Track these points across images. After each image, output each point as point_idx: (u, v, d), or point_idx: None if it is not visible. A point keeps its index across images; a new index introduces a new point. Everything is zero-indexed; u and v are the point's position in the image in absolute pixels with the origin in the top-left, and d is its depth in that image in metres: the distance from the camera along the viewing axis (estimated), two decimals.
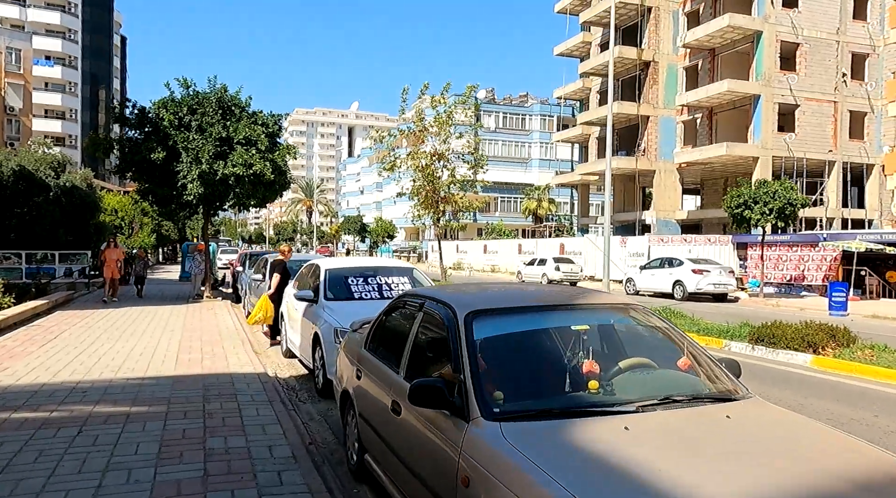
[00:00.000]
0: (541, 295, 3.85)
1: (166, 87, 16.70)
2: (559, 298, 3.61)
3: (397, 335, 4.03)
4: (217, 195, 16.56)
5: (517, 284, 12.94)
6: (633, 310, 3.54)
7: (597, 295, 3.86)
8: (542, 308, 3.41)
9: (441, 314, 3.41)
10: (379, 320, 4.46)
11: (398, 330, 4.09)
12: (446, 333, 3.28)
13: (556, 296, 3.72)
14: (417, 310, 3.80)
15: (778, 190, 19.42)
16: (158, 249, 52.61)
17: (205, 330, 11.54)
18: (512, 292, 4.02)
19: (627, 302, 3.63)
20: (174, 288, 21.97)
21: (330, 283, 7.72)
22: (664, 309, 12.90)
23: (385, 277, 7.91)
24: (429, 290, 4.13)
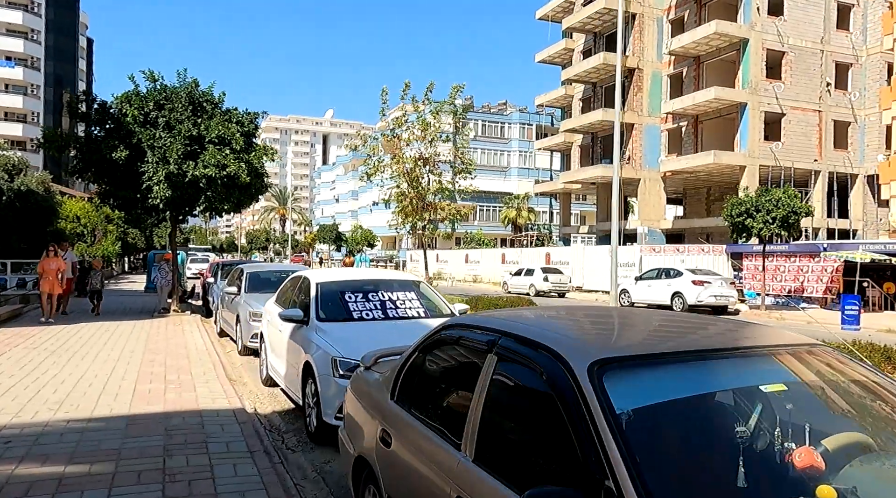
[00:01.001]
0: (680, 328, 2.59)
1: (130, 80, 15.20)
2: (721, 338, 2.37)
3: (449, 387, 2.78)
4: (186, 199, 15.06)
5: (595, 306, 11.55)
6: (826, 354, 2.32)
7: (765, 331, 2.58)
8: (704, 354, 2.16)
9: (540, 364, 2.17)
10: (411, 360, 3.18)
11: (450, 379, 2.84)
12: (553, 394, 2.05)
13: (706, 331, 2.49)
14: (485, 351, 2.54)
15: (781, 198, 18.62)
16: (124, 258, 50.30)
17: (170, 351, 10.08)
18: (631, 321, 2.76)
19: (813, 341, 2.40)
20: (138, 300, 20.30)
21: (323, 300, 6.40)
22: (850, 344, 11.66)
23: (388, 293, 6.62)
24: (494, 319, 2.85)
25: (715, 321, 2.70)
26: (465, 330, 2.86)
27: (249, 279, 11.35)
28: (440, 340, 3.05)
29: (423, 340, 3.18)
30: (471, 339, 2.75)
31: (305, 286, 6.91)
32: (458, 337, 2.87)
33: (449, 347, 2.97)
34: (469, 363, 2.69)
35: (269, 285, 11.23)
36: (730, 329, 2.60)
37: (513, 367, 2.36)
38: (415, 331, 6.06)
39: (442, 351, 3.04)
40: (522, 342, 2.35)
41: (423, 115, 22.30)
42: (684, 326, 2.59)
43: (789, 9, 34.28)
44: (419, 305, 6.57)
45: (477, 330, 2.74)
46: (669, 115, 38.18)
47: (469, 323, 2.88)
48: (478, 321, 2.84)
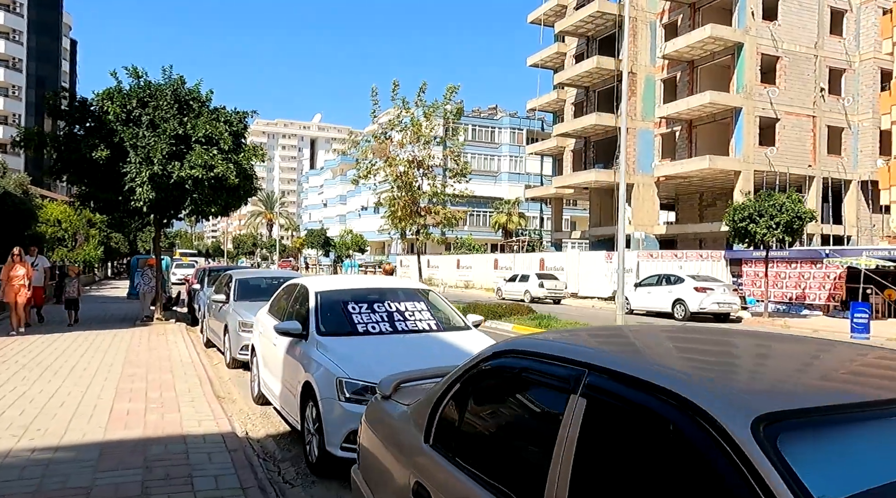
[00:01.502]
0: (842, 361, 1.93)
1: (112, 77, 14.43)
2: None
3: (512, 435, 2.14)
4: (171, 201, 14.31)
5: (676, 325, 10.52)
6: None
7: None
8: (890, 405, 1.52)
9: (666, 416, 1.53)
10: (451, 393, 2.54)
11: (513, 425, 2.20)
12: (691, 462, 1.41)
13: (888, 365, 1.86)
14: (566, 389, 1.90)
15: (785, 203, 18.20)
16: (107, 264, 49.12)
17: (152, 364, 9.34)
18: (764, 350, 2.10)
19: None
20: (121, 307, 19.46)
21: (323, 311, 5.72)
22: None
23: (395, 303, 5.97)
24: (574, 348, 2.17)
25: (872, 350, 2.08)
26: (527, 359, 2.21)
27: (239, 286, 10.64)
28: (490, 372, 2.40)
29: (465, 368, 2.54)
30: (539, 372, 2.11)
31: (303, 295, 6.24)
32: (519, 369, 2.23)
33: (504, 380, 2.33)
34: (540, 404, 2.06)
35: (259, 293, 10.54)
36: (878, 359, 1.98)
37: (615, 416, 1.72)
38: (428, 346, 5.43)
39: (495, 385, 2.39)
40: (627, 382, 1.72)
41: (416, 116, 21.71)
42: (845, 357, 1.95)
43: (783, 13, 34.14)
44: (430, 316, 5.92)
45: (547, 360, 2.10)
46: (663, 119, 37.88)
47: (532, 349, 2.24)
48: (545, 347, 2.19)
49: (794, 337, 2.64)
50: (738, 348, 2.19)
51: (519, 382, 2.24)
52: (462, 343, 5.39)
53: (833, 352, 2.02)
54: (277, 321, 6.57)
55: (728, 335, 2.56)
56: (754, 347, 2.20)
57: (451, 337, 5.58)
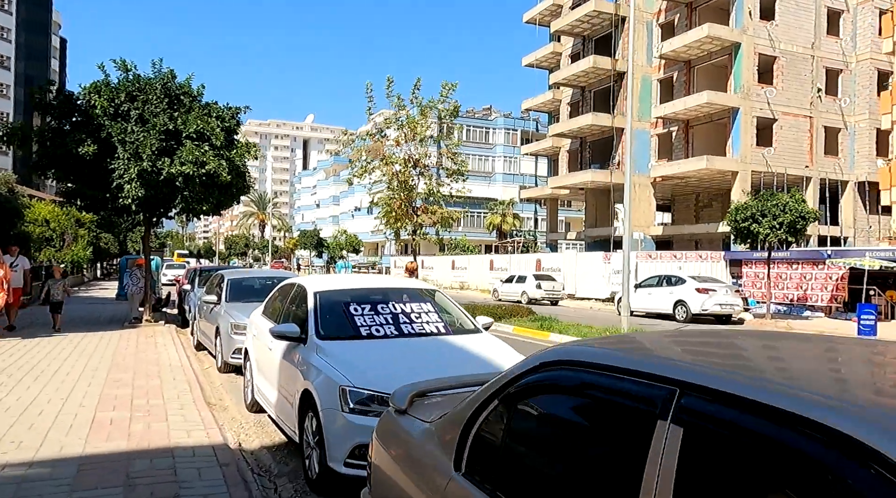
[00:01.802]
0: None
1: (100, 70, 13.95)
2: None
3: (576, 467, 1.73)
4: (161, 199, 13.82)
5: (780, 332, 9.84)
6: None
7: None
8: None
9: (825, 463, 1.12)
10: (488, 412, 2.13)
11: (576, 453, 1.78)
12: None
13: None
14: (650, 413, 1.49)
15: (788, 202, 17.90)
16: (96, 264, 48.40)
17: (140, 369, 8.88)
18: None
19: None
20: (108, 309, 18.93)
21: (323, 312, 5.29)
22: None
23: (400, 304, 5.54)
24: (657, 359, 1.74)
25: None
26: (588, 372, 1.80)
27: (231, 287, 10.18)
28: (538, 387, 1.98)
29: (505, 382, 2.12)
30: (607, 389, 1.70)
31: (300, 296, 5.81)
32: (578, 385, 1.81)
33: (558, 398, 1.92)
34: (612, 431, 1.65)
35: (252, 294, 10.11)
36: None
37: (732, 452, 1.31)
38: (437, 351, 5.01)
39: (545, 404, 1.98)
40: (750, 409, 1.30)
41: (412, 114, 21.29)
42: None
43: (780, 13, 33.98)
44: (437, 318, 5.51)
45: (617, 374, 1.68)
46: (660, 119, 37.64)
47: (594, 361, 1.82)
48: (614, 358, 1.77)
49: (867, 341, 2.24)
50: (857, 361, 1.77)
51: (578, 402, 1.83)
52: (474, 347, 4.98)
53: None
54: (273, 323, 6.14)
55: (819, 341, 2.14)
56: (866, 357, 1.78)
57: (462, 341, 5.17)
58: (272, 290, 10.47)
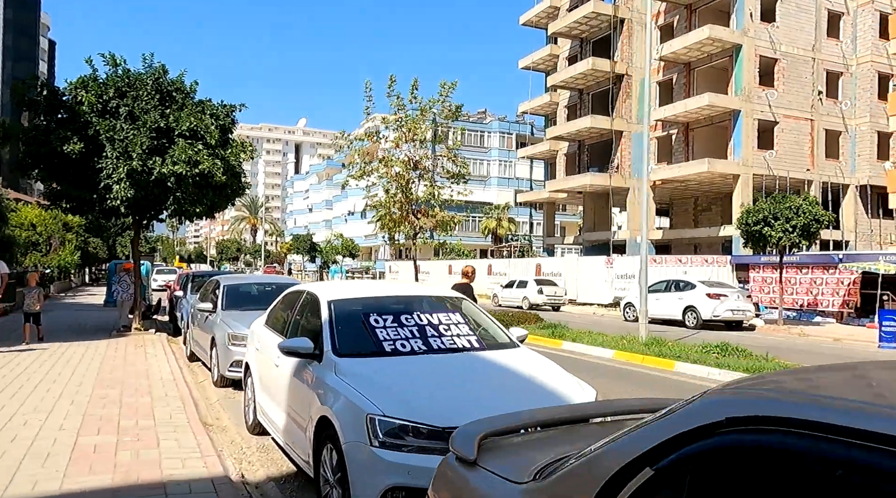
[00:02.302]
0: None
1: (88, 64, 13.24)
2: None
3: None
4: (152, 200, 13.10)
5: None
6: None
7: None
8: None
9: None
10: (637, 486, 1.46)
11: None
12: None
13: None
14: None
15: (802, 205, 17.39)
16: (84, 269, 47.40)
17: (128, 383, 8.15)
18: None
19: None
20: (96, 316, 18.14)
21: (340, 325, 4.61)
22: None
23: (425, 314, 4.87)
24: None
25: None
26: (812, 436, 1.14)
27: (227, 294, 9.46)
28: (724, 454, 1.32)
29: (657, 442, 1.46)
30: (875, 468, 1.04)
31: (311, 306, 5.13)
32: (804, 455, 1.16)
33: (778, 475, 1.26)
34: None
35: (251, 301, 9.41)
36: None
37: None
38: (476, 371, 4.32)
39: (753, 482, 1.31)
40: None
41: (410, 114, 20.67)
42: None
43: (781, 15, 33.64)
44: (469, 331, 4.84)
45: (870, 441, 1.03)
46: (659, 122, 37.16)
47: (848, 424, 1.16)
48: (851, 415, 1.12)
49: None
50: None
51: (804, 470, 1.16)
52: (519, 366, 4.32)
53: None
54: (278, 336, 5.46)
55: None
56: None
57: (501, 358, 4.50)
58: (272, 297, 9.81)
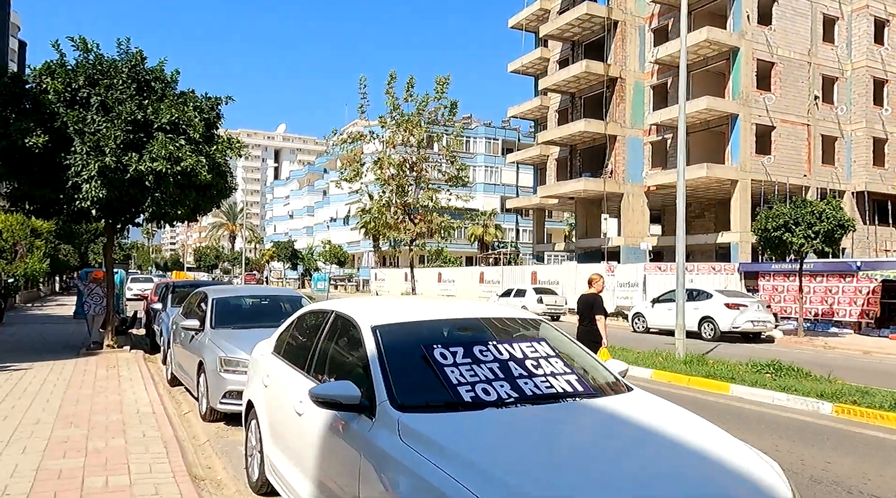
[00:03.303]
0: None
1: (54, 49, 11.77)
2: None
3: None
4: (127, 201, 11.64)
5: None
6: None
7: None
8: None
9: None
10: None
11: None
12: None
13: None
14: None
15: (825, 210, 16.46)
16: (54, 278, 45.22)
17: (97, 419, 6.74)
18: None
19: None
20: (63, 330, 16.51)
21: (396, 363, 3.30)
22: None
23: (501, 343, 3.59)
24: None
25: None
26: None
27: (217, 309, 8.04)
28: None
29: None
30: None
31: (345, 332, 3.82)
32: None
33: None
34: None
35: (245, 318, 8.07)
36: None
37: None
38: (600, 431, 3.04)
39: None
40: None
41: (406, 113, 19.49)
42: None
43: (777, 18, 33.09)
44: (563, 366, 3.56)
45: None
46: (654, 126, 36.40)
47: None
48: None
49: None
50: None
51: None
52: (653, 422, 3.03)
53: None
54: (296, 371, 4.14)
55: None
56: None
57: (624, 407, 3.23)
58: (269, 312, 8.48)
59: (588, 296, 8.39)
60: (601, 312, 8.18)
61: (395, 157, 19.47)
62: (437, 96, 19.67)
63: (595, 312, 8.12)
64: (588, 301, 8.31)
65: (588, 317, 8.20)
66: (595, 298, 8.30)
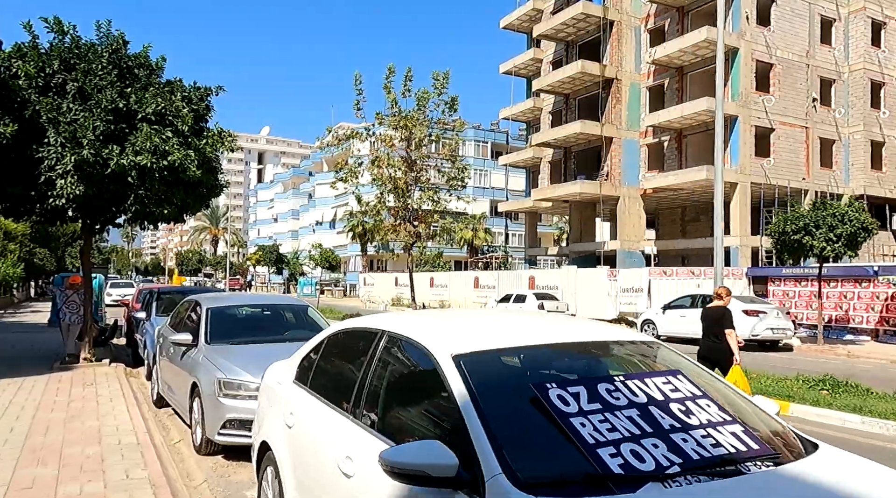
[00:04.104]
0: None
1: (26, 30, 10.63)
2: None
3: None
4: (108, 199, 10.51)
5: None
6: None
7: None
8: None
9: None
10: None
11: None
12: None
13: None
14: None
15: (848, 212, 15.72)
16: (29, 283, 43.47)
17: (71, 453, 5.64)
18: None
19: None
20: (36, 340, 15.24)
21: (498, 412, 2.30)
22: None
23: (632, 380, 2.61)
24: None
25: None
26: None
27: (213, 321, 6.93)
28: None
29: None
30: None
31: (409, 361, 2.82)
32: None
33: None
34: None
35: (245, 330, 7.02)
36: None
37: None
38: None
39: None
40: None
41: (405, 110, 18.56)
42: None
43: (776, 19, 32.62)
44: (717, 412, 2.54)
45: None
46: (650, 128, 35.76)
47: None
48: None
49: None
50: None
51: None
52: None
53: None
54: (336, 411, 3.13)
55: None
56: None
57: (833, 481, 2.27)
58: (272, 323, 7.43)
59: (716, 309, 7.97)
60: (731, 325, 7.77)
61: (394, 156, 18.50)
62: (438, 92, 18.75)
63: (725, 326, 7.71)
64: (716, 315, 7.87)
65: (714, 332, 7.80)
66: (724, 312, 7.87)
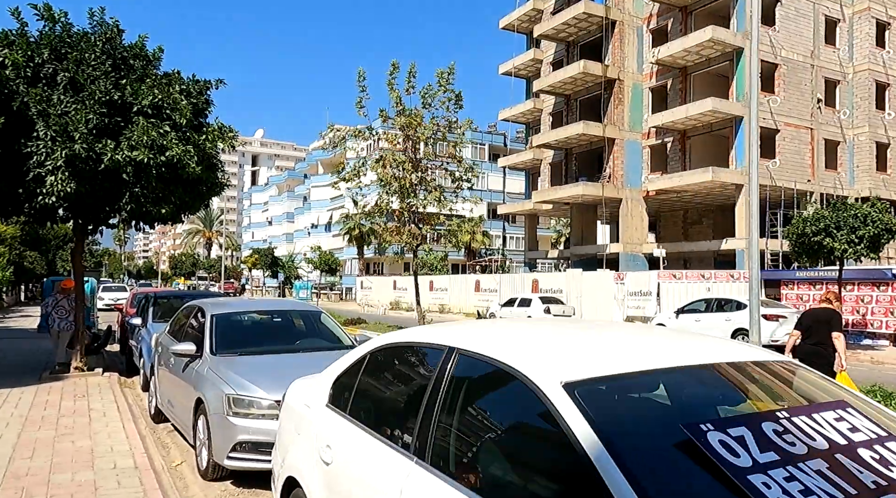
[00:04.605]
0: None
1: (14, 17, 9.96)
2: None
3: None
4: (101, 197, 9.84)
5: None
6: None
7: None
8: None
9: None
10: None
11: None
12: None
13: None
14: None
15: (870, 213, 15.20)
16: (19, 287, 42.54)
17: (60, 479, 4.96)
18: None
19: None
20: (25, 347, 14.51)
21: (642, 462, 1.67)
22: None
23: (797, 415, 1.99)
24: None
25: None
26: None
27: (219, 329, 6.24)
28: None
29: None
30: None
31: (493, 386, 2.19)
32: None
33: None
34: None
35: (256, 340, 6.34)
36: None
37: None
38: None
39: None
40: None
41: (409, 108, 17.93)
42: None
43: (781, 19, 32.23)
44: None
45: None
46: (653, 129, 35.27)
47: None
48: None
49: None
50: None
51: None
52: None
53: None
54: (394, 449, 2.49)
55: None
56: None
57: None
58: (285, 331, 6.78)
59: (824, 310, 7.53)
60: (840, 329, 7.34)
61: (399, 155, 17.86)
62: (443, 88, 18.13)
63: (834, 328, 7.25)
64: (824, 316, 7.39)
65: (818, 334, 7.31)
66: (833, 314, 7.43)
